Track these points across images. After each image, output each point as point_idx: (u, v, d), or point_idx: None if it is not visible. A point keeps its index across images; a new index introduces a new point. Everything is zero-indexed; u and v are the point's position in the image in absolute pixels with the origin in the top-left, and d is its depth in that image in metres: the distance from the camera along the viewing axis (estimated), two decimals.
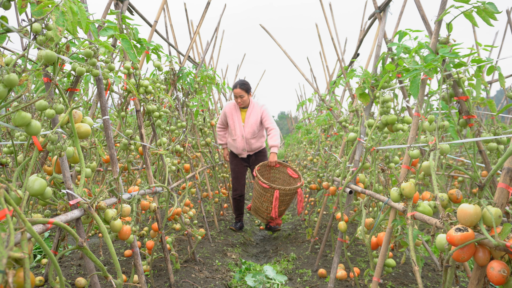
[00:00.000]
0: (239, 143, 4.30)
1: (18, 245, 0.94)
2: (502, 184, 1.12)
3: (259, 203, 3.95)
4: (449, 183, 4.56)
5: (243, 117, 4.33)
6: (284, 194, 3.80)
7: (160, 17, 3.56)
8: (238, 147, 4.32)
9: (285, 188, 3.76)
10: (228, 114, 4.35)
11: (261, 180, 3.78)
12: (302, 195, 3.83)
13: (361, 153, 2.48)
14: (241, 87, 4.19)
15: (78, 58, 1.62)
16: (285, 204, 3.94)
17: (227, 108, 4.39)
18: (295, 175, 4.18)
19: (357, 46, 3.01)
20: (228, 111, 4.36)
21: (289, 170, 4.24)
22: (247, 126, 4.28)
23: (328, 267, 3.09)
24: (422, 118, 1.73)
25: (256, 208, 4.04)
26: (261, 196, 3.87)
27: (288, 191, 3.78)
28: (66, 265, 2.91)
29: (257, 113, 4.29)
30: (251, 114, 4.29)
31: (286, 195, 3.83)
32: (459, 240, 1.06)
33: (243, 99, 4.22)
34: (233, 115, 4.33)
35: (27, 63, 1.45)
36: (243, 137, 4.28)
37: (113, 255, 1.39)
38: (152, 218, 2.67)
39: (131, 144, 2.32)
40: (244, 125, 4.29)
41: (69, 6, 1.32)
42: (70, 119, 1.39)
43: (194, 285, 2.64)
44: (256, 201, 3.98)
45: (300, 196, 3.82)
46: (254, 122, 4.27)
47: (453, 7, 1.64)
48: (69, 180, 1.42)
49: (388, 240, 1.79)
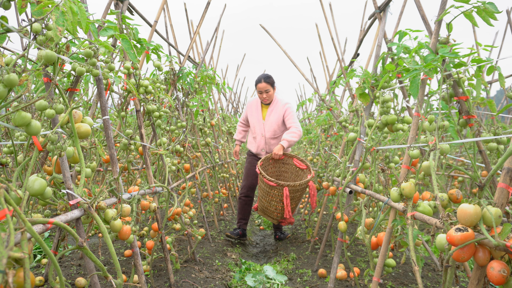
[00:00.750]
0: (258, 142, 3.98)
1: (18, 245, 0.94)
2: (502, 184, 1.12)
3: (266, 203, 3.53)
4: (449, 183, 4.56)
5: (264, 114, 3.97)
6: (294, 191, 3.40)
7: (160, 17, 3.56)
8: (258, 146, 3.99)
9: (294, 184, 3.33)
10: (249, 110, 4.05)
11: (266, 177, 3.36)
12: (314, 188, 3.44)
13: (361, 153, 2.48)
14: (266, 81, 3.80)
15: (78, 58, 1.62)
16: (296, 201, 3.55)
17: (248, 105, 4.10)
18: (303, 165, 3.70)
19: (357, 46, 3.01)
20: (249, 107, 4.07)
21: (295, 161, 3.75)
22: (267, 124, 3.90)
23: (328, 267, 3.09)
24: (422, 118, 1.73)
25: (264, 208, 3.62)
26: (267, 194, 3.47)
27: (298, 186, 3.36)
28: (66, 265, 2.91)
29: (280, 111, 3.86)
30: (272, 112, 3.91)
31: (296, 191, 3.43)
32: (459, 240, 1.06)
33: (269, 94, 3.84)
34: (254, 112, 3.99)
35: (27, 63, 1.45)
36: (263, 136, 3.93)
37: (113, 255, 1.39)
38: (152, 218, 2.67)
39: (131, 144, 2.32)
40: (264, 123, 3.92)
41: (69, 6, 1.32)
42: (70, 119, 1.39)
43: (194, 285, 2.64)
44: (263, 200, 3.56)
45: (313, 189, 3.43)
46: (275, 120, 3.87)
47: (453, 7, 1.64)
48: (69, 180, 1.42)
49: (388, 240, 1.79)
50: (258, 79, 3.87)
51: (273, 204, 3.48)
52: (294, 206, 3.58)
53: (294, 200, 3.51)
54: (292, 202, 3.49)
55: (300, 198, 3.59)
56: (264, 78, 3.83)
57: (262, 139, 3.95)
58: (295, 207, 3.61)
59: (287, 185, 3.31)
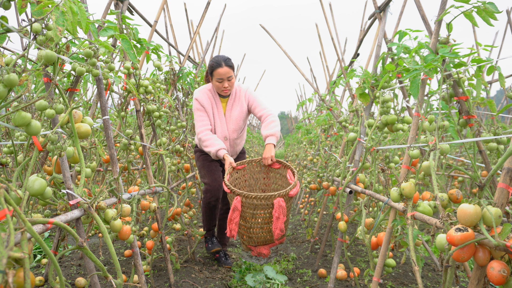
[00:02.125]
0: None
1: (18, 245, 0.94)
2: (502, 184, 1.12)
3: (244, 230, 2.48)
4: (449, 183, 4.56)
5: (225, 109, 2.96)
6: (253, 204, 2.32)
7: (160, 17, 3.56)
8: None
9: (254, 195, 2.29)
10: (205, 105, 2.87)
11: (231, 189, 2.36)
12: (281, 208, 2.29)
13: (361, 153, 2.48)
14: (228, 64, 2.75)
15: (78, 58, 1.62)
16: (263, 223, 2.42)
17: (202, 98, 2.87)
18: (292, 179, 2.59)
19: (357, 46, 3.01)
20: (204, 101, 2.87)
21: (289, 173, 2.64)
22: (231, 122, 2.94)
23: (328, 267, 3.09)
24: (422, 118, 1.73)
25: (249, 238, 2.50)
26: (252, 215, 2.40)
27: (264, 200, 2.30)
28: (66, 265, 2.91)
29: (242, 102, 2.95)
30: (234, 105, 2.95)
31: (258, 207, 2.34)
32: (459, 240, 1.06)
33: (231, 83, 2.82)
34: (211, 108, 2.90)
35: (27, 63, 1.45)
36: (227, 138, 2.95)
37: (113, 255, 1.39)
38: (152, 218, 2.67)
39: (131, 144, 2.32)
40: (227, 122, 2.94)
41: (69, 6, 1.32)
42: (70, 119, 1.39)
43: (194, 285, 2.64)
44: (241, 229, 2.49)
45: (279, 209, 2.28)
46: (239, 115, 2.94)
47: (453, 7, 1.64)
48: (69, 180, 1.42)
49: (388, 240, 1.79)
50: (216, 63, 2.75)
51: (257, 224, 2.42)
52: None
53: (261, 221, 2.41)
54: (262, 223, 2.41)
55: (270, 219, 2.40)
56: (225, 60, 2.76)
57: (226, 143, 2.95)
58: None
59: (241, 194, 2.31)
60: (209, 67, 2.83)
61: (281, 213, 2.30)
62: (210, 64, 2.81)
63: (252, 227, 2.43)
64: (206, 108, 2.88)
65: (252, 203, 2.32)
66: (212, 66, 2.78)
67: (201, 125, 2.84)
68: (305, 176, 4.43)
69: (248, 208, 2.36)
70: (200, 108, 2.87)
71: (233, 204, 2.34)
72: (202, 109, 2.88)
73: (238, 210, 2.34)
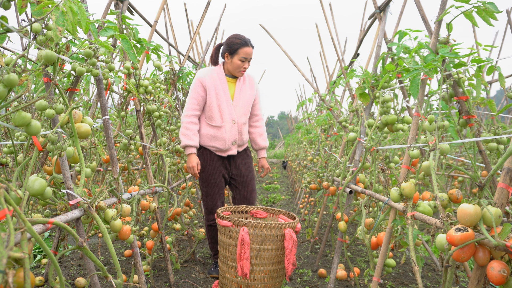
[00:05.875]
0: (228, 133, 2.65)
1: (18, 245, 0.94)
2: (502, 184, 1.12)
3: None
4: (449, 183, 4.56)
5: (232, 92, 2.73)
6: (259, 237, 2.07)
7: (160, 17, 3.56)
8: (227, 138, 2.65)
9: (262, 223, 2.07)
10: (209, 86, 2.65)
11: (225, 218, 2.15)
12: (293, 240, 2.08)
13: (361, 153, 2.48)
14: (252, 45, 2.65)
15: (78, 58, 1.62)
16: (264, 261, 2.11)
17: (201, 79, 2.66)
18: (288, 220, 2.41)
19: (357, 46, 3.01)
20: (208, 81, 2.65)
21: (281, 218, 2.46)
22: (238, 105, 2.71)
23: (328, 267, 3.09)
24: (422, 118, 1.73)
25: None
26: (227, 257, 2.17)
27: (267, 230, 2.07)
28: (66, 265, 2.91)
29: (252, 90, 2.79)
30: (243, 88, 2.75)
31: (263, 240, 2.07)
32: (459, 240, 1.06)
33: (249, 64, 2.71)
34: (218, 88, 2.67)
35: (27, 63, 1.45)
36: (235, 122, 2.68)
37: (113, 255, 1.39)
38: (152, 218, 2.67)
39: (131, 144, 2.32)
40: (234, 104, 2.71)
41: (69, 6, 1.32)
42: (70, 119, 1.39)
43: (194, 285, 2.64)
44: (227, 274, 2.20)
45: (290, 240, 2.07)
46: (249, 99, 2.76)
47: (453, 7, 1.64)
48: (69, 180, 1.42)
49: (388, 240, 1.79)
50: (243, 41, 2.60)
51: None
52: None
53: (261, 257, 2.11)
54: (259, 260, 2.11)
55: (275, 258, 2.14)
56: (250, 40, 2.64)
57: (233, 128, 2.68)
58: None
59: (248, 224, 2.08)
60: (231, 44, 2.60)
61: (293, 245, 2.07)
62: (233, 42, 2.59)
63: (253, 271, 2.10)
64: (208, 88, 2.65)
65: (262, 234, 2.05)
66: (237, 43, 2.58)
67: (192, 108, 2.65)
68: (305, 176, 4.43)
69: (255, 243, 2.07)
70: (198, 90, 2.65)
71: (240, 237, 2.04)
72: (199, 92, 2.65)
73: (247, 243, 2.03)
